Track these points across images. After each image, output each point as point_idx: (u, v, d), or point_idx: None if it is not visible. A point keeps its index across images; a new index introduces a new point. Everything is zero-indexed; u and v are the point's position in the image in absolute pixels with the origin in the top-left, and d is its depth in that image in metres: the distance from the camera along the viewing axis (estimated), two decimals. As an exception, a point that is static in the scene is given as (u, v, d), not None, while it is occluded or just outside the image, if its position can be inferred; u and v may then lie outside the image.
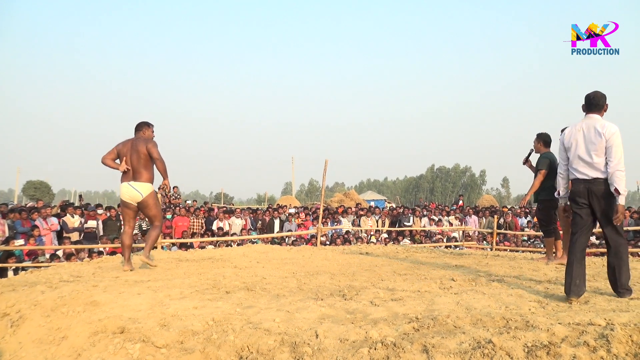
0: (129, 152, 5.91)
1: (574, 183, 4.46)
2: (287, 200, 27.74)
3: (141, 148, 5.89)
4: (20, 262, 10.36)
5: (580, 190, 4.37)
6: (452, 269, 6.05)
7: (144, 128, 6.15)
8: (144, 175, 5.92)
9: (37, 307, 3.78)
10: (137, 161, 5.89)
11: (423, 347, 2.74)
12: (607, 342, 2.64)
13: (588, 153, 4.34)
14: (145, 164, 5.92)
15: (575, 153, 4.41)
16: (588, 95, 4.50)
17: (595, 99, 4.45)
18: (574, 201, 4.41)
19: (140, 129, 6.14)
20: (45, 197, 41.48)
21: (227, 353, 2.92)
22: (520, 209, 18.21)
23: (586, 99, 4.49)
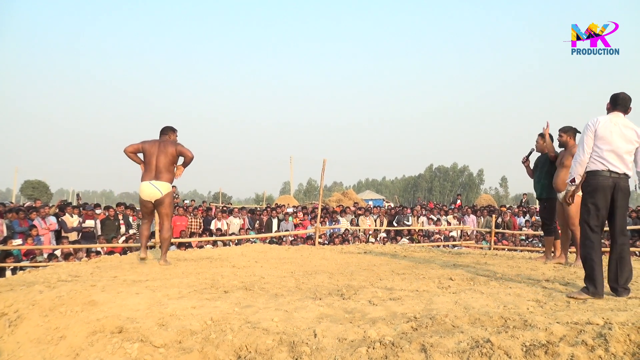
0: (157, 152, 6.24)
1: (601, 175, 4.29)
2: (285, 200, 27.74)
3: (170, 149, 6.25)
4: (18, 262, 10.34)
5: (608, 185, 4.26)
6: (450, 268, 6.05)
7: (170, 132, 6.53)
8: (166, 175, 6.24)
9: (35, 307, 3.77)
10: (163, 162, 6.22)
11: (421, 346, 2.74)
12: (605, 342, 2.65)
13: (624, 149, 4.29)
14: (169, 166, 6.26)
15: (611, 145, 4.28)
16: (625, 95, 4.46)
17: (625, 99, 4.44)
18: (598, 193, 4.26)
19: (167, 133, 6.51)
20: (43, 196, 41.41)
21: (226, 353, 2.92)
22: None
23: (623, 99, 4.45)
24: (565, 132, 6.34)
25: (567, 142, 6.34)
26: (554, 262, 6.30)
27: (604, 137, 4.28)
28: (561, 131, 6.37)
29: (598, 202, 4.25)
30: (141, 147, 6.29)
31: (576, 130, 6.26)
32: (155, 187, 6.20)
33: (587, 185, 4.34)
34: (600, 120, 4.34)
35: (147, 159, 6.26)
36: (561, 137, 6.39)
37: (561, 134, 6.38)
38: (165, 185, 6.25)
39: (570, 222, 6.15)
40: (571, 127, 6.33)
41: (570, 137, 6.31)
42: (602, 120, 4.33)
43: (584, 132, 4.38)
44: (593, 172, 4.31)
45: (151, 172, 6.21)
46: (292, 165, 44.35)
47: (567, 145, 6.33)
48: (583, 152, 4.35)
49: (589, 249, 4.23)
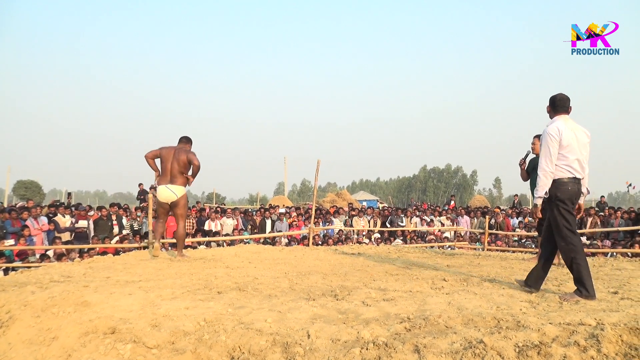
0: (172, 159, 6.84)
1: (570, 183, 4.38)
2: (279, 200, 27.73)
3: (182, 157, 6.81)
4: (11, 263, 10.29)
5: (577, 190, 4.40)
6: (443, 269, 6.06)
7: (185, 141, 7.13)
8: (180, 180, 6.84)
9: (27, 308, 3.75)
10: (176, 168, 6.81)
11: (415, 347, 2.75)
12: (597, 342, 2.66)
13: (584, 154, 4.42)
14: (182, 171, 6.83)
15: (575, 154, 4.38)
16: (563, 96, 4.55)
17: (565, 100, 4.54)
18: (569, 200, 4.36)
19: (183, 142, 7.12)
20: (36, 196, 41.19)
21: (219, 353, 2.92)
22: (512, 209, 18.28)
23: (563, 100, 4.53)
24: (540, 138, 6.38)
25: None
26: None
27: (570, 145, 4.36)
28: (536, 138, 6.57)
29: (570, 208, 4.38)
30: (159, 152, 6.91)
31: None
32: (171, 191, 6.81)
33: (558, 192, 4.38)
34: (561, 129, 4.38)
35: (163, 164, 6.88)
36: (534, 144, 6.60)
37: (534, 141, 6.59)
38: (180, 189, 6.86)
39: None
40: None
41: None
42: (563, 129, 4.38)
43: (547, 143, 4.38)
44: (563, 180, 4.38)
45: (166, 177, 6.83)
46: (286, 165, 44.28)
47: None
48: (550, 164, 4.37)
49: (574, 252, 4.27)
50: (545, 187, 4.39)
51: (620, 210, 15.91)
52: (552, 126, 4.40)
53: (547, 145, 4.35)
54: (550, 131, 4.38)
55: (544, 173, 4.37)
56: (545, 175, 4.36)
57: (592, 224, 14.92)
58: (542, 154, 4.39)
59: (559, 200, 4.35)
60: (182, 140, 7.15)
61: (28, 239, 11.49)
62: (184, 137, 7.21)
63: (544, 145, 4.39)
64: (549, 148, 4.35)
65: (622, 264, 6.37)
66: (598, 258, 7.75)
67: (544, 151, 4.39)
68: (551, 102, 4.57)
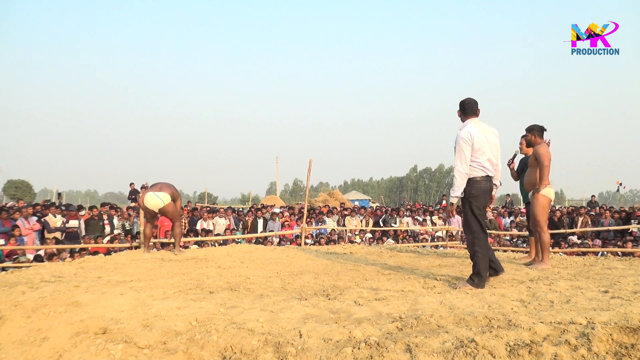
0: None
1: (483, 181, 4.78)
2: (271, 200, 27.72)
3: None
4: (1, 263, 10.22)
5: (489, 187, 4.85)
6: (435, 268, 6.08)
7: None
8: (168, 190, 7.50)
9: (17, 308, 3.72)
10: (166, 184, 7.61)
11: (406, 346, 2.75)
12: (588, 341, 2.67)
13: (494, 154, 4.87)
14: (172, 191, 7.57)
15: (486, 153, 4.77)
16: (472, 100, 4.93)
17: (474, 104, 4.92)
18: (482, 197, 4.78)
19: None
20: (27, 196, 40.99)
21: (211, 353, 2.91)
22: (504, 208, 18.35)
23: (472, 103, 4.91)
24: (531, 131, 6.32)
25: (533, 140, 6.29)
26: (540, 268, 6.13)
27: (481, 148, 4.74)
28: (527, 130, 6.37)
29: (482, 204, 4.81)
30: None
31: (542, 128, 6.26)
32: (158, 197, 7.33)
33: (472, 190, 4.76)
34: (473, 133, 4.72)
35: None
36: (527, 136, 6.38)
37: (527, 134, 6.38)
38: (167, 196, 7.39)
39: (533, 223, 6.22)
40: (536, 125, 6.30)
41: (535, 135, 6.26)
42: (475, 133, 4.73)
43: (461, 147, 4.71)
44: (476, 179, 4.76)
45: (156, 186, 7.51)
46: (279, 165, 44.29)
47: (532, 144, 6.31)
48: (465, 166, 4.72)
49: (478, 247, 4.74)
50: (461, 188, 4.76)
51: (610, 209, 16.02)
52: (464, 130, 4.76)
53: (461, 149, 4.71)
54: (463, 135, 4.73)
55: (459, 174, 4.73)
56: (460, 177, 4.73)
57: (583, 224, 15.01)
58: (457, 157, 4.74)
59: (473, 197, 4.75)
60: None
61: (19, 239, 11.42)
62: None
63: (459, 148, 4.74)
64: (463, 151, 4.70)
65: (613, 263, 6.40)
66: (589, 257, 7.78)
67: (458, 154, 4.73)
68: (461, 107, 4.94)
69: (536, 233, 6.31)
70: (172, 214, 7.55)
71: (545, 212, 6.18)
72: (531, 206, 6.30)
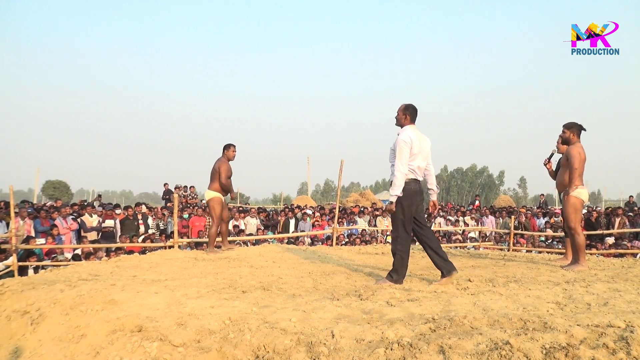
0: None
1: (412, 183, 5.05)
2: (302, 200, 27.77)
3: (215, 165, 7.76)
4: (40, 261, 10.48)
5: (418, 190, 5.12)
6: (468, 269, 6.02)
7: (224, 149, 7.92)
8: (211, 185, 7.75)
9: (56, 305, 3.82)
10: (211, 174, 7.80)
11: (440, 347, 2.73)
12: (626, 344, 2.61)
13: (424, 161, 5.18)
14: (213, 177, 7.76)
15: (418, 159, 5.07)
16: (415, 107, 5.24)
17: (416, 111, 5.23)
18: (411, 198, 5.03)
19: (223, 150, 7.93)
20: (64, 196, 41.88)
21: (244, 352, 2.94)
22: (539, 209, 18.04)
23: (416, 111, 5.22)
24: (569, 129, 6.16)
25: (569, 138, 6.15)
26: (577, 270, 5.96)
27: (416, 153, 5.05)
28: (565, 127, 6.20)
29: (411, 206, 5.05)
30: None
31: (581, 127, 6.11)
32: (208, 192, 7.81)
33: (403, 191, 5.00)
34: (412, 137, 5.03)
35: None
36: (564, 133, 6.21)
37: (564, 130, 6.21)
38: (209, 193, 7.76)
39: (567, 225, 6.09)
40: (575, 124, 6.14)
41: (573, 133, 6.11)
42: (414, 138, 5.03)
43: (402, 148, 4.97)
44: (406, 181, 5.02)
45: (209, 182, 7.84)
46: (310, 165, 44.35)
47: (569, 142, 6.15)
48: (405, 167, 4.99)
49: (401, 245, 5.03)
50: (401, 187, 4.97)
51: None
52: (404, 134, 5.04)
53: (402, 151, 4.97)
54: (404, 138, 5.01)
55: (400, 174, 4.96)
56: (401, 177, 4.97)
57: (621, 224, 14.65)
58: (398, 158, 4.97)
59: (402, 198, 4.99)
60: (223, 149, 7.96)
61: (57, 238, 11.71)
62: (224, 145, 7.95)
63: (399, 150, 4.98)
64: (404, 153, 4.97)
65: (629, 262, 6.24)
66: (627, 259, 7.60)
67: (399, 156, 4.97)
68: (409, 111, 5.19)
69: (570, 235, 6.20)
70: (211, 211, 7.81)
71: (577, 213, 6.05)
72: (563, 208, 6.19)
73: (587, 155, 6.00)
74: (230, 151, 7.86)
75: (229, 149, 7.86)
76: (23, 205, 13.36)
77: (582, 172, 5.99)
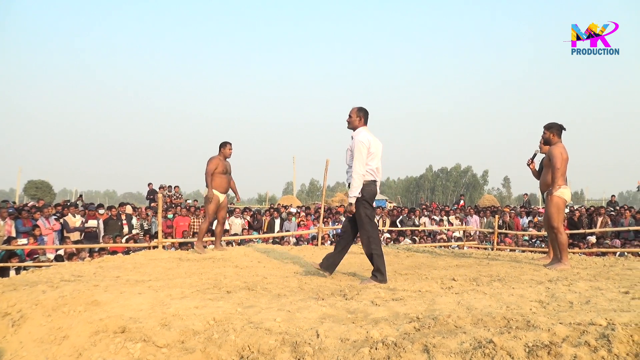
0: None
1: (372, 184, 5.17)
2: (288, 200, 27.77)
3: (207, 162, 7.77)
4: (22, 262, 10.36)
5: (376, 191, 5.24)
6: (453, 268, 6.05)
7: (220, 147, 7.93)
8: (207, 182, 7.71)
9: (38, 307, 3.78)
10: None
11: (424, 346, 2.74)
12: (608, 342, 2.64)
13: (380, 160, 5.25)
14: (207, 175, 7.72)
15: (376, 160, 5.18)
16: (366, 109, 5.34)
17: (368, 113, 5.34)
18: (371, 199, 5.17)
19: (219, 147, 7.93)
20: (47, 196, 41.45)
21: (228, 353, 2.93)
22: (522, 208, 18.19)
23: (367, 112, 5.33)
24: (549, 129, 6.22)
25: (550, 139, 6.20)
26: (559, 268, 6.03)
27: (375, 154, 5.16)
28: (545, 128, 6.27)
29: (371, 205, 5.21)
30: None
31: (561, 127, 6.17)
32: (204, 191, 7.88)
33: (364, 192, 5.10)
34: (369, 139, 5.13)
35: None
36: (545, 134, 6.27)
37: (545, 131, 6.27)
38: (205, 190, 7.81)
39: (550, 225, 6.15)
40: (555, 124, 6.20)
41: (553, 134, 6.17)
42: (370, 139, 5.14)
43: (360, 150, 5.04)
44: (367, 182, 5.11)
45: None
46: (295, 165, 44.32)
47: (550, 142, 6.21)
48: (363, 168, 5.07)
49: (374, 244, 5.11)
50: (359, 188, 5.05)
51: (631, 209, 15.81)
52: (361, 136, 5.12)
53: (360, 152, 5.04)
54: (362, 139, 5.08)
55: (358, 176, 5.03)
56: (359, 178, 5.04)
57: (603, 224, 14.83)
58: (356, 160, 5.03)
59: (364, 199, 5.10)
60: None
61: (39, 239, 11.58)
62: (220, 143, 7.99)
63: (357, 151, 5.04)
64: (362, 155, 5.04)
65: (633, 263, 6.32)
66: (608, 257, 7.69)
67: (357, 157, 5.03)
68: (362, 114, 5.30)
69: (553, 234, 6.25)
70: (205, 207, 7.92)
71: (560, 213, 6.11)
72: (546, 207, 6.25)
73: (570, 155, 6.06)
74: (226, 149, 7.88)
75: (225, 147, 7.88)
76: (4, 204, 13.20)
77: (565, 171, 6.06)
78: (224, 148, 7.88)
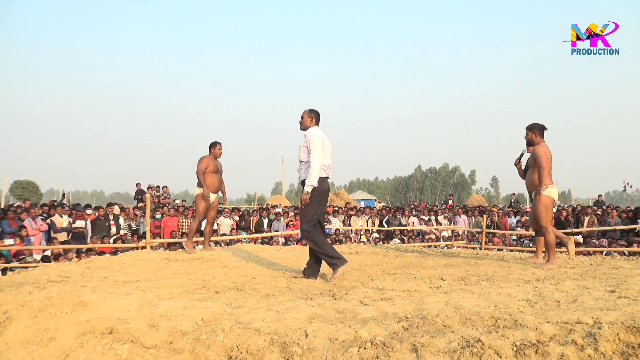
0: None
1: (325, 182, 5.38)
2: (277, 200, 27.75)
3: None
4: (8, 263, 10.26)
5: (327, 188, 5.46)
6: (441, 268, 6.07)
7: (210, 147, 7.97)
8: (198, 182, 7.77)
9: (24, 308, 3.74)
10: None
11: (412, 346, 2.75)
12: (594, 341, 2.66)
13: (330, 158, 5.47)
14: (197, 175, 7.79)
15: (327, 157, 5.41)
16: (318, 111, 5.60)
17: (320, 115, 5.59)
18: (321, 195, 5.37)
19: (209, 147, 7.97)
20: (33, 197, 41.12)
21: (217, 353, 2.91)
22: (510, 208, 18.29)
23: (318, 114, 5.59)
24: (531, 130, 6.27)
25: (532, 139, 6.26)
26: (547, 267, 6.07)
27: (325, 150, 5.38)
28: (527, 129, 6.32)
29: (322, 203, 5.45)
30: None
31: (542, 127, 6.23)
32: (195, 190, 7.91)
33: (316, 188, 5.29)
34: (321, 136, 5.37)
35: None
36: (527, 135, 6.32)
37: (527, 132, 6.33)
38: (196, 190, 7.83)
39: (538, 224, 6.19)
40: (536, 124, 6.25)
41: (535, 134, 6.22)
42: (323, 137, 5.38)
43: (315, 143, 5.27)
44: (320, 179, 5.31)
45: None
46: (284, 165, 44.30)
47: (533, 143, 6.26)
48: (320, 159, 5.26)
49: (317, 237, 5.33)
50: (317, 178, 5.25)
51: (617, 209, 15.95)
52: (315, 132, 5.37)
53: (316, 145, 5.26)
54: (317, 133, 5.35)
55: (316, 165, 5.21)
56: (318, 167, 5.23)
57: (589, 223, 14.96)
58: (313, 152, 5.24)
59: (314, 195, 5.29)
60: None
61: (25, 239, 11.47)
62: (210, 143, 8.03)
63: (313, 144, 5.26)
64: (317, 147, 5.26)
65: (619, 262, 6.38)
66: (595, 257, 7.75)
67: (314, 149, 5.24)
68: (314, 115, 5.55)
69: (541, 234, 6.30)
70: (196, 207, 7.97)
71: (548, 212, 6.15)
72: (533, 207, 6.29)
73: (557, 155, 6.13)
74: (216, 149, 7.92)
75: (215, 146, 7.92)
76: (-10, 205, 13.07)
77: (550, 170, 6.11)
78: (214, 148, 7.90)
